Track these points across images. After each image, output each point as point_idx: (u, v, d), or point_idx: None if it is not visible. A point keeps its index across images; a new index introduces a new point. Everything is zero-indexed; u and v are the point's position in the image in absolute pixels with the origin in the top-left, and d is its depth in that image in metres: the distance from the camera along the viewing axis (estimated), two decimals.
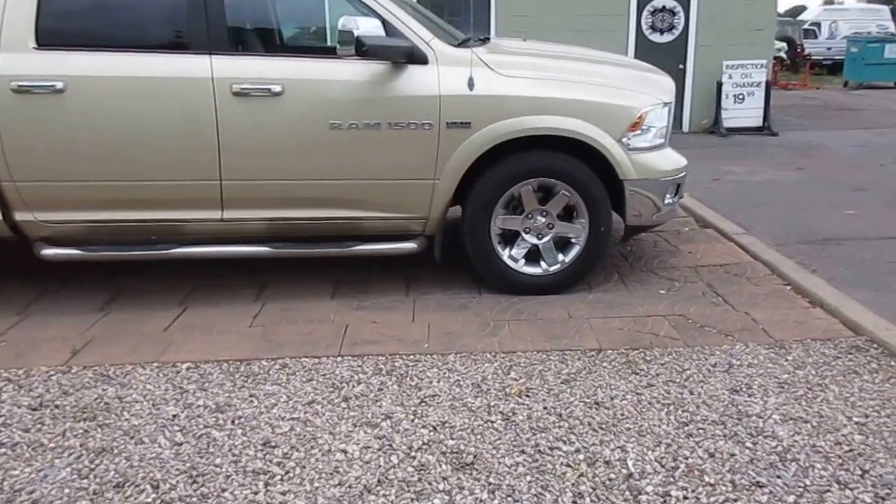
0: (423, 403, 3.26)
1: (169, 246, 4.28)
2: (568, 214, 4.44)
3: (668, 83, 4.73)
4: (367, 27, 3.87)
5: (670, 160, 4.55)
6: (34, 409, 3.27)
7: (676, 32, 10.93)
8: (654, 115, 4.41)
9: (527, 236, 4.46)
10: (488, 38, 5.16)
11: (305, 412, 3.21)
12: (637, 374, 3.51)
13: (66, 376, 3.58)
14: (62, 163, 4.09)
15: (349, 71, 4.11)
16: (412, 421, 3.12)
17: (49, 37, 4.04)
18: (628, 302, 4.38)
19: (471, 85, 4.18)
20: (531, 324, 4.08)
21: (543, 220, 4.44)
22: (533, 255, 4.49)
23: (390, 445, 2.95)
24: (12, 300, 4.47)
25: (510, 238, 4.47)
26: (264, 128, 4.11)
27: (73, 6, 4.13)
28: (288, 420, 3.15)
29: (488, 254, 4.41)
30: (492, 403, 3.26)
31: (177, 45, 4.12)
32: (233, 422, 3.15)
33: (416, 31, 4.18)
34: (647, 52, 10.80)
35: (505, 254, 4.44)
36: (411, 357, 3.70)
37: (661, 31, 10.93)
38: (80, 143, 4.06)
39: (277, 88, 4.07)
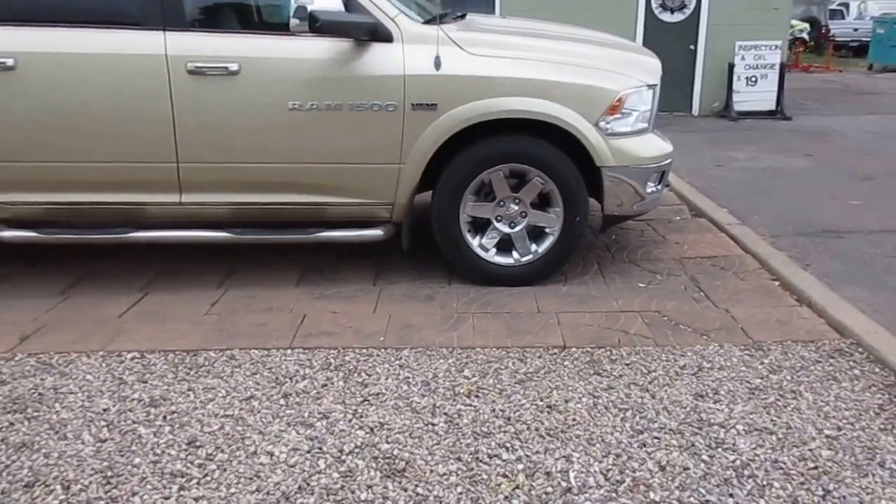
0: (366, 402, 3.07)
1: (127, 230, 4.11)
2: (543, 203, 4.21)
3: (653, 64, 4.46)
4: (323, 2, 3.63)
5: (653, 146, 4.29)
6: None
7: (688, 12, 10.54)
8: (636, 98, 4.15)
9: (498, 225, 4.24)
10: (464, 15, 4.90)
11: (240, 409, 3.03)
12: (599, 374, 3.29)
13: (8, 364, 3.44)
14: (14, 143, 3.92)
15: (309, 49, 3.90)
16: (349, 421, 2.94)
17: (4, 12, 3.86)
18: (603, 296, 4.15)
19: (437, 64, 3.94)
20: (496, 317, 3.86)
21: (516, 208, 4.21)
22: (505, 245, 4.27)
23: (320, 448, 2.76)
24: None
25: (481, 226, 4.25)
26: (221, 108, 3.92)
27: None
28: (220, 417, 2.98)
29: (457, 242, 4.20)
30: (438, 404, 3.06)
31: (131, 20, 3.90)
32: (164, 418, 2.98)
33: (380, 6, 3.95)
34: (656, 31, 10.47)
35: (475, 242, 4.22)
36: (364, 351, 3.51)
37: (672, 10, 10.55)
38: (32, 123, 3.89)
39: (234, 67, 3.87)
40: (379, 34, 3.92)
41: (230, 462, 2.69)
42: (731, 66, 10.41)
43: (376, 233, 4.16)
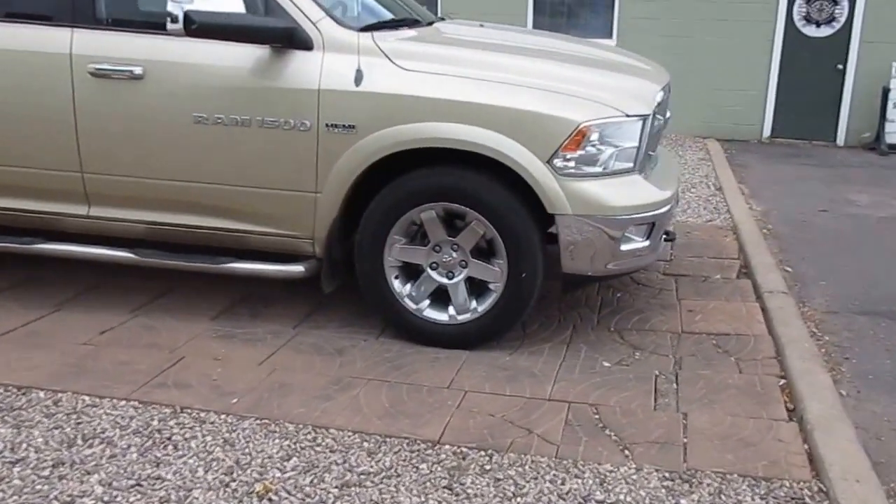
0: (136, 487, 2.49)
1: (34, 240, 3.78)
2: (488, 252, 3.43)
3: (646, 89, 3.55)
4: (203, 1, 3.08)
5: (635, 192, 3.37)
6: None
7: (837, 25, 8.96)
8: (612, 132, 3.28)
9: (433, 273, 3.50)
10: (442, 19, 4.18)
11: None
12: (450, 489, 2.51)
13: None
14: None
15: (220, 55, 3.38)
16: None
17: None
18: (545, 374, 3.30)
19: (358, 79, 3.28)
20: (391, 388, 3.15)
21: (455, 255, 3.45)
22: (443, 297, 3.52)
23: None
24: None
25: (414, 273, 3.54)
26: (125, 115, 3.48)
27: None
28: None
29: (380, 289, 3.50)
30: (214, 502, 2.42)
31: (39, 15, 3.56)
32: None
33: (302, 7, 3.34)
34: (797, 47, 9.03)
35: (402, 291, 3.51)
36: (200, 416, 2.93)
37: (818, 23, 9.01)
38: None
39: (139, 71, 3.42)
40: (294, 40, 3.32)
41: None
42: (886, 91, 8.73)
43: (297, 269, 3.55)
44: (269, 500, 2.45)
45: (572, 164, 3.22)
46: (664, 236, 3.68)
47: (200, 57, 3.39)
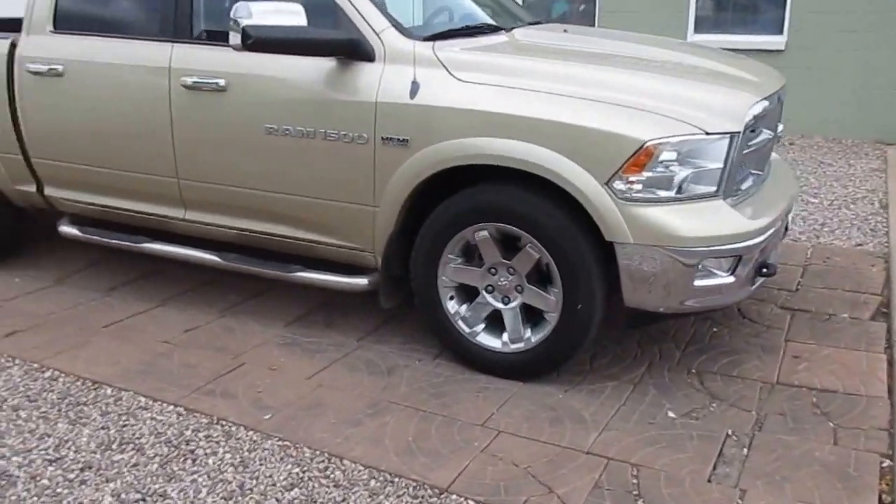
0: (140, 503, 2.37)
1: (143, 239, 3.85)
2: (546, 278, 2.97)
3: (736, 103, 2.90)
4: (261, 11, 2.87)
5: (714, 220, 2.79)
6: None
7: None
8: (686, 151, 2.72)
9: (488, 296, 3.11)
10: (538, 22, 3.70)
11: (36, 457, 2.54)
12: None
13: None
14: (60, 144, 3.86)
15: (290, 67, 3.20)
16: None
17: (62, 23, 3.80)
18: (594, 418, 2.82)
19: (413, 91, 2.96)
20: (423, 420, 2.84)
21: (511, 279, 3.03)
22: (500, 323, 3.12)
23: None
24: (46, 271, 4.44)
25: (472, 295, 3.16)
26: (211, 126, 3.43)
27: None
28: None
29: (434, 309, 3.19)
30: None
31: (146, 31, 3.58)
32: None
33: (368, 18, 3.08)
34: None
35: (457, 313, 3.15)
36: (229, 430, 2.82)
37: None
38: (71, 126, 3.78)
39: (222, 83, 3.32)
40: (357, 52, 3.06)
41: None
42: None
43: (361, 282, 3.33)
44: None
45: (638, 186, 2.70)
46: (762, 270, 2.99)
47: (272, 69, 3.25)
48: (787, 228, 3.65)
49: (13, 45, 3.87)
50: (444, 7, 3.98)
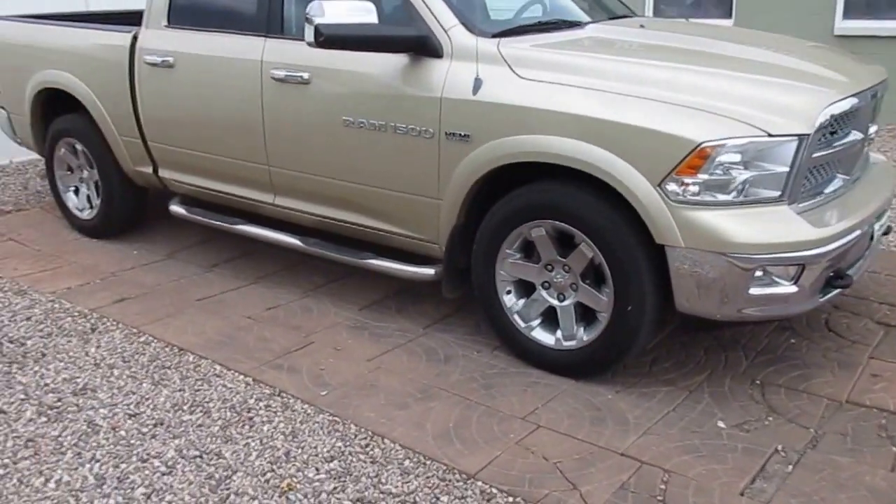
0: (194, 460, 2.71)
1: (238, 220, 4.26)
2: (601, 277, 3.06)
3: (809, 104, 2.84)
4: (335, 13, 3.13)
5: (774, 227, 2.77)
6: None
7: None
8: (747, 153, 2.73)
9: (544, 293, 3.23)
10: (623, 17, 3.74)
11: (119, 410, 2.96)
12: None
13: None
14: (175, 130, 4.33)
15: (366, 62, 3.44)
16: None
17: (175, 18, 4.27)
18: (637, 422, 2.89)
19: (476, 87, 3.13)
20: (467, 408, 3.03)
21: (567, 277, 3.14)
22: (555, 320, 3.24)
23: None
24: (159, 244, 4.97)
25: (529, 290, 3.29)
26: (296, 117, 3.75)
27: None
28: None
29: (492, 302, 3.35)
30: (249, 491, 2.55)
31: (243, 26, 3.95)
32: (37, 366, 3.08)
33: (438, 16, 3.28)
34: None
35: (513, 308, 3.29)
36: (287, 401, 3.12)
37: None
38: (181, 113, 4.24)
39: (306, 76, 3.63)
40: (426, 48, 3.27)
41: None
42: None
43: (427, 272, 3.55)
44: (287, 498, 2.52)
45: (693, 189, 2.73)
46: (835, 281, 2.93)
47: (348, 64, 3.51)
48: (888, 232, 3.52)
49: (135, 38, 4.39)
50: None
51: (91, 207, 5.08)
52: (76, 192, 5.17)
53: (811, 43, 3.83)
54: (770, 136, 2.71)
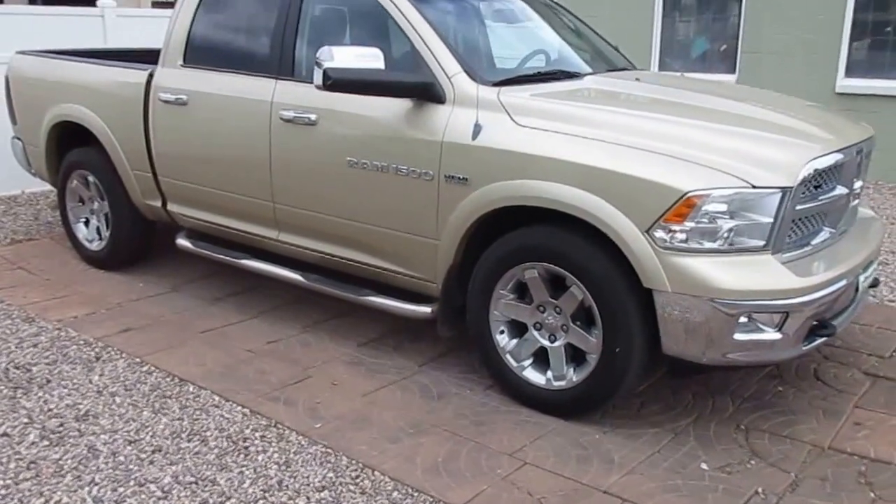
0: (189, 486, 2.83)
1: (243, 255, 4.43)
2: (590, 319, 3.20)
3: (792, 158, 3.01)
4: (344, 58, 3.33)
5: (758, 275, 2.92)
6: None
7: None
8: (731, 203, 2.89)
9: (535, 333, 3.37)
10: (622, 69, 3.93)
11: (119, 442, 3.09)
12: None
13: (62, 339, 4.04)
14: (185, 166, 4.53)
15: (370, 105, 3.64)
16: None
17: (191, 58, 4.50)
18: (623, 461, 3.02)
19: (475, 133, 3.32)
20: (457, 443, 3.16)
21: (558, 318, 3.28)
22: (547, 360, 3.37)
23: None
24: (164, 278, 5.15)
25: (522, 330, 3.43)
26: (302, 156, 3.95)
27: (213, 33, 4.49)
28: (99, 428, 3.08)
29: (485, 341, 3.50)
30: None
31: (256, 68, 4.17)
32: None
33: (442, 63, 3.49)
34: None
35: (506, 347, 3.43)
36: (283, 433, 3.25)
37: None
38: (194, 149, 4.44)
39: (313, 117, 3.83)
40: (430, 94, 3.47)
41: None
42: None
43: (424, 310, 3.70)
44: None
45: (681, 236, 2.89)
46: (819, 330, 3.06)
47: (354, 106, 3.71)
48: (875, 284, 3.65)
49: (151, 76, 4.62)
50: (540, 49, 4.32)
51: (100, 239, 5.27)
52: (86, 223, 5.37)
53: (804, 101, 4.02)
54: (754, 187, 2.88)
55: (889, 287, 4.85)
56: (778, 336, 2.96)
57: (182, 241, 4.77)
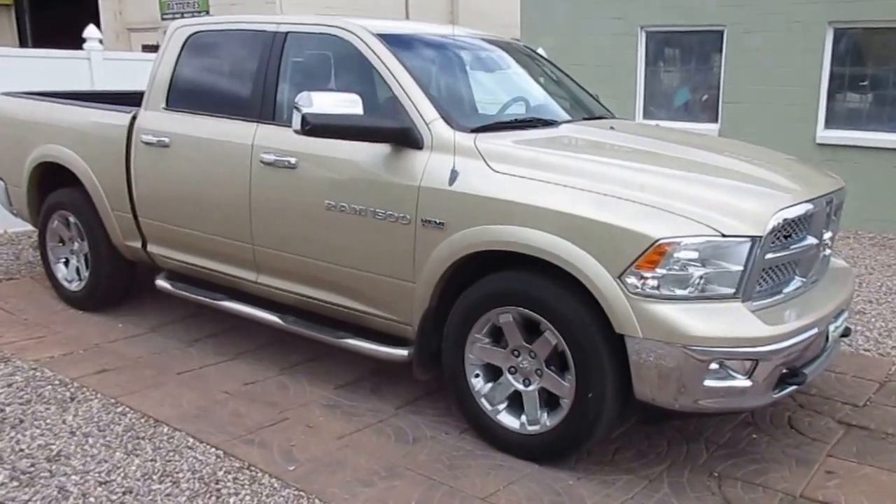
0: None
1: (222, 297, 4.47)
2: (564, 364, 3.25)
3: (762, 208, 3.10)
4: (323, 104, 3.43)
5: (727, 322, 2.98)
6: None
7: None
8: (701, 251, 2.96)
9: (510, 377, 3.42)
10: (599, 118, 4.06)
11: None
12: None
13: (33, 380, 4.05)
14: (166, 207, 4.60)
15: (349, 150, 3.73)
16: None
17: (174, 101, 4.60)
18: None
19: (452, 178, 3.41)
20: (429, 488, 3.19)
21: (533, 362, 3.33)
22: (519, 404, 3.41)
23: None
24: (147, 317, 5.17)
25: (497, 374, 3.47)
26: (281, 199, 4.03)
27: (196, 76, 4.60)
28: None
29: (460, 384, 3.55)
30: None
31: (237, 112, 4.27)
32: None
33: (420, 109, 3.59)
34: None
35: (481, 391, 3.47)
36: (255, 475, 3.27)
37: None
38: (175, 191, 4.51)
39: (293, 161, 3.91)
40: (408, 140, 3.57)
41: None
42: None
43: (400, 352, 3.75)
44: None
45: (652, 283, 2.97)
46: (790, 378, 3.12)
47: (334, 150, 3.80)
48: (846, 333, 3.72)
49: (134, 118, 4.71)
50: (520, 97, 4.44)
51: (80, 279, 5.31)
52: (66, 263, 5.42)
53: (778, 153, 4.14)
54: (724, 236, 2.97)
55: (864, 336, 4.94)
56: (748, 383, 3.02)
57: (161, 283, 4.82)
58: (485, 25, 5.43)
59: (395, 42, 3.92)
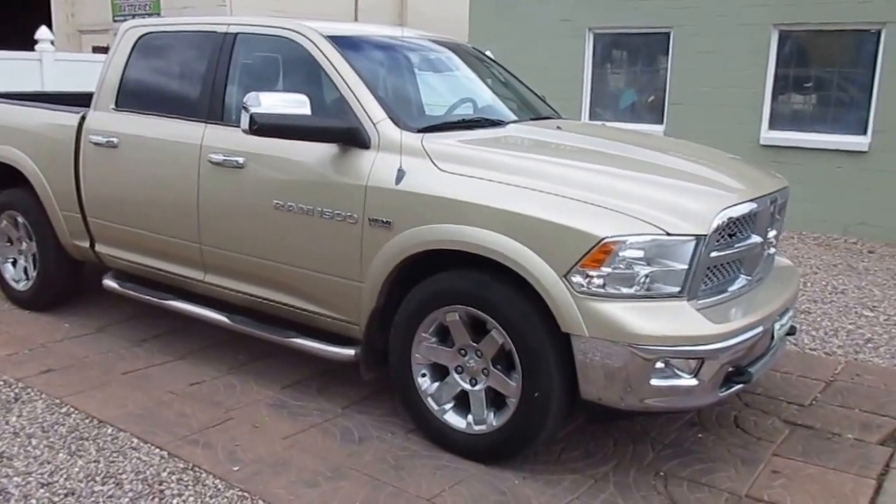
0: None
1: (168, 296, 4.36)
2: (510, 364, 3.19)
3: (706, 207, 3.08)
4: (270, 104, 3.34)
5: (673, 321, 2.96)
6: None
7: None
8: (646, 250, 2.93)
9: (456, 376, 3.37)
10: (546, 118, 4.03)
11: None
12: None
13: None
14: (113, 207, 4.47)
15: (297, 150, 3.66)
16: None
17: (123, 102, 4.50)
18: None
19: (399, 178, 3.35)
20: (375, 488, 3.16)
21: (479, 361, 3.27)
22: (466, 403, 3.34)
23: None
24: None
25: (443, 374, 3.41)
26: (229, 199, 3.96)
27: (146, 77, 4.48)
28: None
29: (407, 384, 3.50)
30: None
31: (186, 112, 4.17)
32: None
33: (367, 109, 3.53)
34: None
35: (427, 390, 3.41)
36: (199, 476, 3.19)
37: None
38: (122, 191, 4.39)
39: (241, 161, 3.82)
40: (355, 139, 3.51)
41: None
42: None
43: (347, 352, 3.68)
44: None
45: (598, 281, 2.93)
46: (736, 377, 3.09)
47: (282, 151, 3.74)
48: (792, 332, 3.71)
49: (83, 119, 4.56)
50: (468, 98, 4.39)
51: (27, 279, 5.17)
52: (14, 263, 5.27)
53: (724, 153, 4.13)
54: (669, 235, 2.95)
55: (810, 336, 4.97)
56: (694, 382, 3.00)
57: (109, 282, 4.69)
58: (433, 28, 5.36)
59: (345, 44, 3.87)
